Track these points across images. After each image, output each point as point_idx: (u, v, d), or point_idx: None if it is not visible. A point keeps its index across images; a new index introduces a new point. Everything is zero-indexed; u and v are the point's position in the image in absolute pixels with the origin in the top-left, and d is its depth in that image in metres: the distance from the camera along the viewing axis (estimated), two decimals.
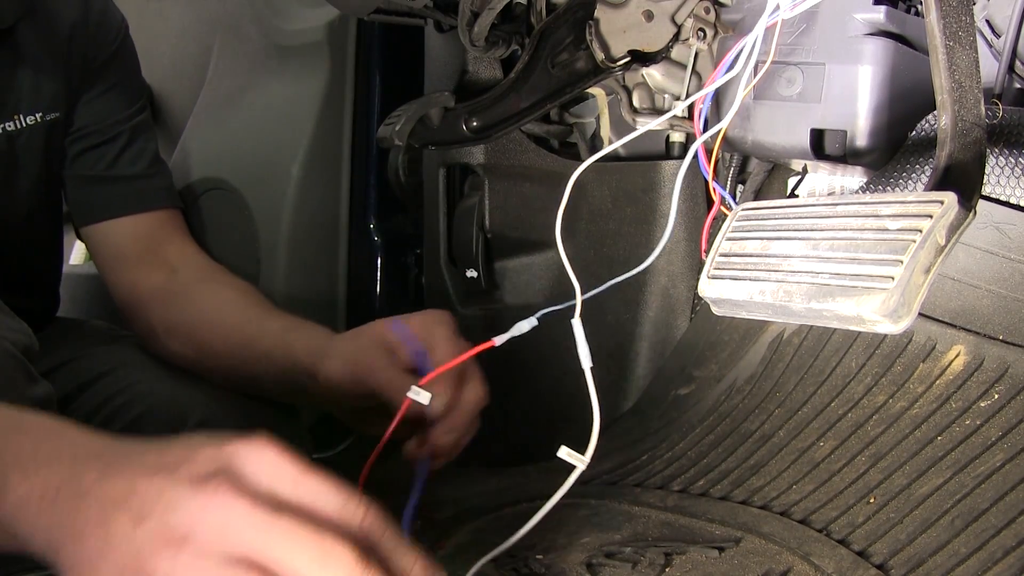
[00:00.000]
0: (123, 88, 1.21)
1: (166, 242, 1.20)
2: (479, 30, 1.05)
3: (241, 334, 1.06)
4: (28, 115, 1.11)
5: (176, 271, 1.17)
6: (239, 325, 1.07)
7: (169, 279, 1.16)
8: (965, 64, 0.66)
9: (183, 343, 1.11)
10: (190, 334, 1.11)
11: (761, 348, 1.02)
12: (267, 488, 0.56)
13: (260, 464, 0.57)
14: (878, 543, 0.78)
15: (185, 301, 1.13)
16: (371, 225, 1.42)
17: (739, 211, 0.76)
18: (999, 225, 0.84)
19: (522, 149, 1.19)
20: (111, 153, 1.19)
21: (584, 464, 0.75)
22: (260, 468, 0.57)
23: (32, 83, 1.11)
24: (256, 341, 1.03)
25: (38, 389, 0.88)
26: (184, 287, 1.15)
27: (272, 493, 0.56)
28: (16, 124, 1.10)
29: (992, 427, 0.80)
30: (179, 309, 1.13)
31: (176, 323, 1.12)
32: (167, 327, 1.13)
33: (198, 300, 1.13)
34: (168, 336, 1.13)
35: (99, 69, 1.18)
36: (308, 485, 0.57)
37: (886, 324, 0.61)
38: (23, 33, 1.10)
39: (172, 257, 1.19)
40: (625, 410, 1.21)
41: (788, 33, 0.90)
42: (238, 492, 0.55)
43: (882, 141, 0.88)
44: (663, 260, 1.23)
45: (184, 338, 1.11)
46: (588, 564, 0.79)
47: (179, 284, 1.16)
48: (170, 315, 1.13)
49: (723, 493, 0.91)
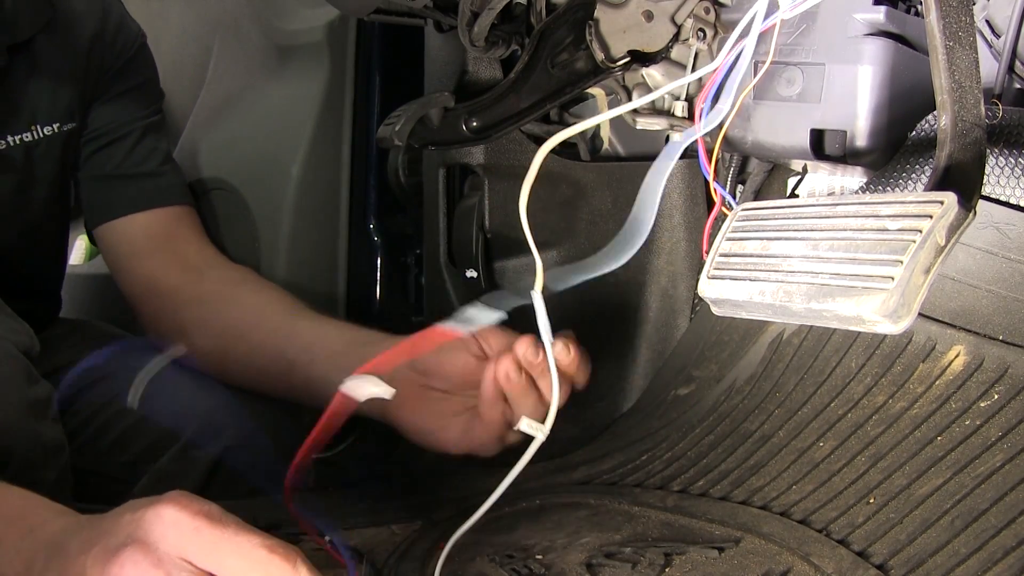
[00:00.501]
0: (136, 93, 1.22)
1: (183, 240, 1.21)
2: (479, 30, 1.05)
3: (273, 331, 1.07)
4: (46, 126, 1.12)
5: (202, 273, 1.18)
6: (271, 323, 1.08)
7: (196, 280, 1.17)
8: (965, 64, 0.66)
9: (213, 343, 1.12)
10: (219, 334, 1.11)
11: (761, 348, 1.02)
12: (175, 550, 0.58)
13: (164, 526, 0.59)
14: (878, 543, 0.78)
15: (215, 302, 1.14)
16: (371, 225, 1.42)
17: (739, 211, 0.76)
18: (999, 225, 0.84)
19: (522, 149, 1.19)
20: (121, 151, 1.20)
21: (544, 435, 0.76)
22: (166, 531, 0.59)
23: (50, 94, 1.12)
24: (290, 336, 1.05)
25: (38, 390, 0.89)
26: (213, 290, 1.16)
27: (180, 554, 0.58)
28: (34, 135, 1.11)
29: (992, 427, 0.80)
30: (209, 310, 1.14)
31: (205, 322, 1.13)
32: (196, 325, 1.14)
33: (228, 302, 1.14)
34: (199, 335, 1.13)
35: (113, 76, 1.19)
36: (207, 537, 0.59)
37: (886, 324, 0.61)
38: (42, 45, 1.11)
39: (193, 257, 1.20)
40: (625, 410, 1.21)
41: (788, 33, 0.90)
42: (145, 560, 0.58)
43: (882, 141, 0.88)
44: (663, 260, 1.23)
45: (212, 338, 1.12)
46: (588, 564, 0.79)
47: (207, 286, 1.16)
48: (200, 314, 1.14)
49: (723, 493, 0.91)
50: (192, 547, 0.59)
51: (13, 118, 1.10)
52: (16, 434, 0.86)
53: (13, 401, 0.86)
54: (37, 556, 0.62)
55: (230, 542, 0.59)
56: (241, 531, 0.60)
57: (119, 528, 0.60)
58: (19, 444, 0.86)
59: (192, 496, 0.61)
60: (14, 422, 0.86)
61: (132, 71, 1.22)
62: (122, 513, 0.62)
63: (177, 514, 0.60)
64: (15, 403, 0.86)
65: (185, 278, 1.17)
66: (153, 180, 1.21)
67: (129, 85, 1.21)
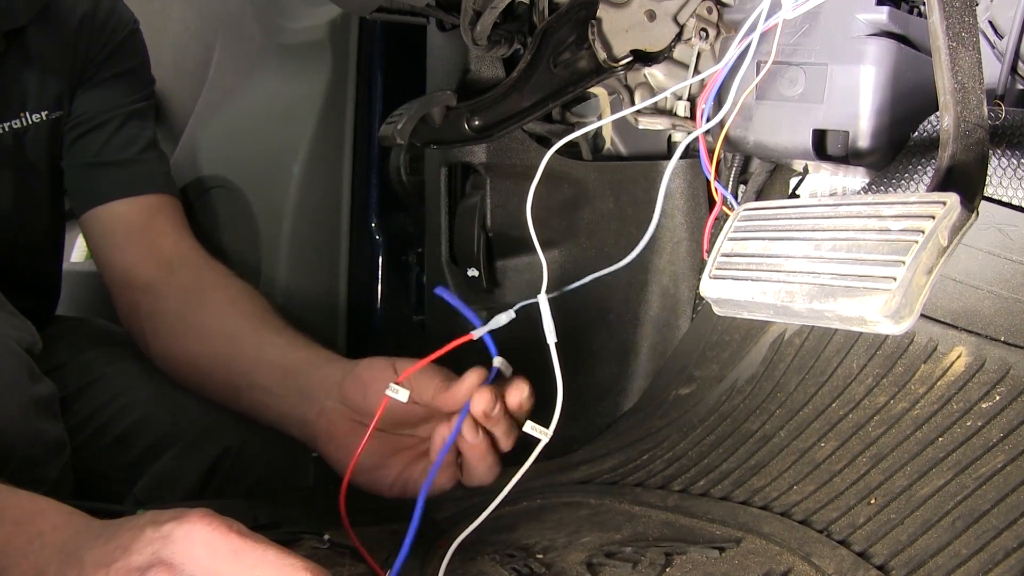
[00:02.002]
0: (123, 80, 1.21)
1: (160, 232, 1.18)
2: (481, 29, 1.05)
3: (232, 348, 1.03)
4: (34, 113, 1.12)
5: (173, 270, 1.15)
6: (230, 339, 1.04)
7: (165, 278, 1.14)
8: (968, 65, 0.66)
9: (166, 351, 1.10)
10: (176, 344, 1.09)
11: (762, 348, 1.02)
12: (206, 573, 0.57)
13: (194, 547, 0.58)
14: (879, 544, 0.77)
15: (178, 309, 1.11)
16: (372, 224, 1.42)
17: (741, 211, 0.76)
18: (1001, 226, 0.84)
19: (524, 148, 1.19)
20: (100, 139, 1.18)
21: (547, 437, 0.76)
22: (194, 551, 0.57)
23: (39, 82, 1.12)
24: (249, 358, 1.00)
25: (42, 388, 0.89)
26: (179, 292, 1.12)
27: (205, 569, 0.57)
28: (22, 122, 1.11)
29: (993, 428, 0.80)
30: (169, 318, 1.10)
31: (163, 330, 1.10)
32: (154, 333, 1.11)
33: (191, 308, 1.10)
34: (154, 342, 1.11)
35: (100, 63, 1.18)
36: (246, 560, 0.58)
37: (888, 325, 0.61)
38: (33, 33, 1.10)
39: (168, 250, 1.16)
40: (626, 410, 1.21)
41: (790, 33, 0.90)
42: None
43: (884, 142, 0.88)
44: (665, 260, 1.23)
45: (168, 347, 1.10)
46: (588, 564, 0.79)
47: (174, 287, 1.13)
48: (159, 323, 1.11)
49: (724, 493, 0.91)
50: (227, 569, 0.57)
51: (3, 105, 1.10)
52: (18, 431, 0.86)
53: (15, 398, 0.86)
54: (49, 563, 0.61)
55: (271, 565, 0.57)
56: (281, 553, 0.58)
57: (141, 544, 0.58)
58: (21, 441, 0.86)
59: (218, 515, 0.59)
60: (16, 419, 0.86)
61: (120, 57, 1.20)
62: (142, 527, 0.59)
63: (210, 534, 0.58)
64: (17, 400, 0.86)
65: (157, 273, 1.14)
66: (130, 168, 1.19)
67: (116, 71, 1.20)
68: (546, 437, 0.76)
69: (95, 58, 1.18)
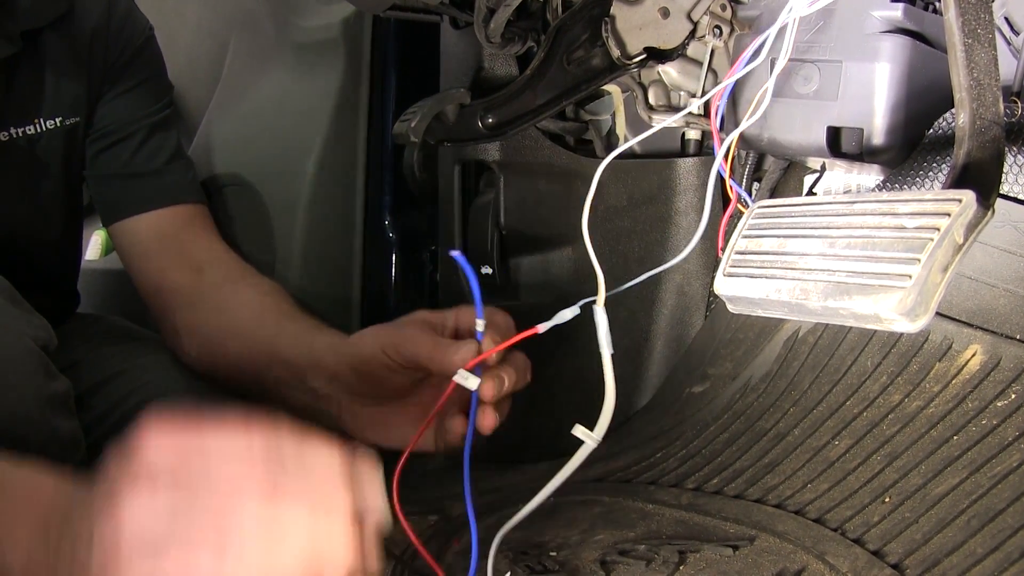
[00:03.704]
0: (143, 89, 1.21)
1: (191, 240, 1.19)
2: (495, 27, 1.05)
3: (259, 338, 1.05)
4: (49, 119, 1.12)
5: (202, 272, 1.17)
6: (258, 329, 1.06)
7: (195, 280, 1.16)
8: (984, 62, 0.65)
9: (200, 348, 1.11)
10: (209, 338, 1.10)
11: (776, 346, 1.02)
12: (171, 465, 0.60)
13: (158, 450, 0.61)
14: (893, 543, 0.77)
15: (208, 304, 1.13)
16: (386, 222, 1.42)
17: (755, 209, 0.75)
18: (1017, 224, 0.84)
19: (537, 146, 1.19)
20: (128, 151, 1.19)
21: (596, 442, 0.76)
22: (159, 453, 0.60)
23: (54, 88, 1.12)
24: (273, 345, 1.02)
25: (57, 385, 0.89)
26: (209, 289, 1.14)
27: (176, 467, 0.60)
28: (37, 128, 1.11)
29: (1009, 427, 0.80)
30: (202, 312, 1.12)
31: (196, 327, 1.12)
32: (188, 330, 1.13)
33: (220, 304, 1.12)
34: (188, 340, 1.12)
35: (119, 71, 1.19)
36: (208, 440, 0.61)
37: (903, 323, 0.61)
38: (49, 38, 1.11)
39: (199, 256, 1.18)
40: (639, 407, 1.21)
41: (805, 30, 0.90)
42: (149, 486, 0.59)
43: (899, 139, 0.88)
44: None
45: (202, 342, 1.11)
46: (602, 561, 0.79)
47: (204, 286, 1.15)
48: (193, 318, 1.13)
49: (737, 491, 0.91)
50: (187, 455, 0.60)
51: (18, 109, 1.10)
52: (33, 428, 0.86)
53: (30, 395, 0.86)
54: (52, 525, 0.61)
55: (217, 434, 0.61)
56: None
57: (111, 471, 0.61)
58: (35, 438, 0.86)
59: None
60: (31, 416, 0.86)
61: (139, 65, 1.21)
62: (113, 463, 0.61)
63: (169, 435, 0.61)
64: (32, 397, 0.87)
65: (188, 277, 1.16)
66: (159, 179, 1.20)
67: (136, 80, 1.20)
68: (593, 442, 0.76)
69: (114, 63, 1.18)
